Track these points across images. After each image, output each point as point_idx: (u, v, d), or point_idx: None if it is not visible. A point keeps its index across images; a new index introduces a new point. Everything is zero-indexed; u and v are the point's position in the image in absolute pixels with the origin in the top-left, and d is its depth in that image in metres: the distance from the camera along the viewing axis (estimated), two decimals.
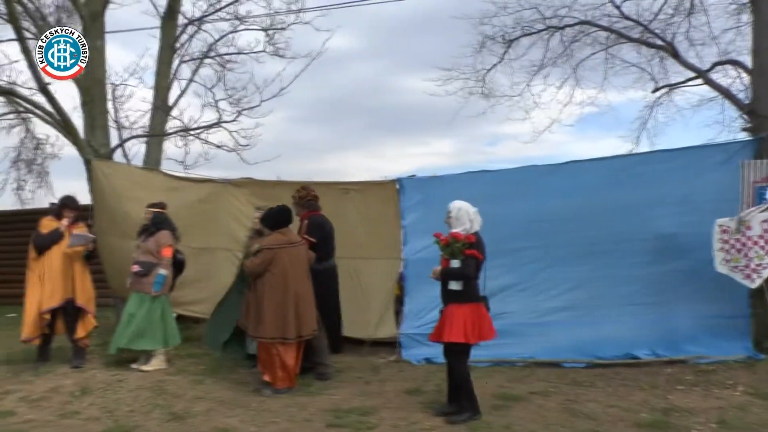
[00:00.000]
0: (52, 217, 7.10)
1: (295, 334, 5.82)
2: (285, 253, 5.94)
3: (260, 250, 5.97)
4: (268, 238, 6.07)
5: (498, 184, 7.19)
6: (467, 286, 4.93)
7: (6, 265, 12.31)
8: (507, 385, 5.90)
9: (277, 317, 5.79)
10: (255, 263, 5.94)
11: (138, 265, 6.81)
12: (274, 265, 5.88)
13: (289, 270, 5.90)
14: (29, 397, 5.79)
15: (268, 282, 5.88)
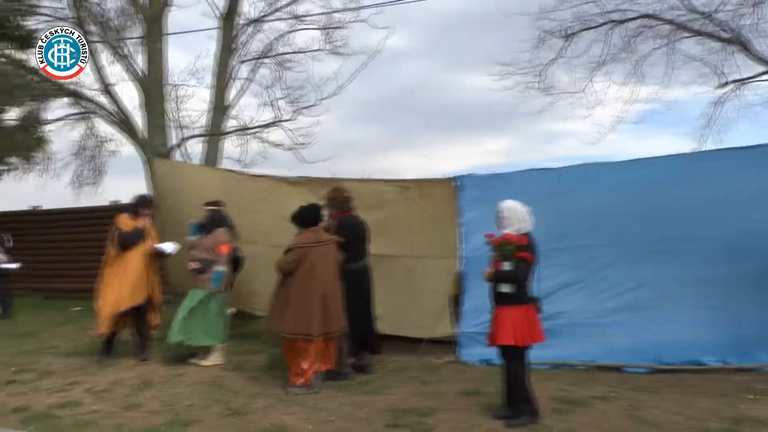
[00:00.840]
0: (128, 215, 7.27)
1: (320, 332, 5.82)
2: (314, 251, 5.96)
3: (290, 249, 6.00)
4: (298, 236, 6.10)
5: (559, 182, 7.03)
6: (518, 289, 4.81)
7: (70, 260, 12.73)
8: (567, 389, 5.73)
9: (302, 314, 5.80)
10: (285, 261, 5.98)
11: (196, 262, 6.91)
12: (303, 263, 5.90)
13: (317, 268, 5.91)
14: (94, 389, 5.95)
15: (296, 280, 5.90)
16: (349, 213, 6.68)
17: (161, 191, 8.64)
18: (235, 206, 7.73)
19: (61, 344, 8.03)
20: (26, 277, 13.57)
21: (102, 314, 6.99)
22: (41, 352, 7.61)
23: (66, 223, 13.45)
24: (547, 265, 6.50)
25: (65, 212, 13.79)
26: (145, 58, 9.54)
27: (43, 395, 5.76)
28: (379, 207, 7.54)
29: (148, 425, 4.86)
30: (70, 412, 5.22)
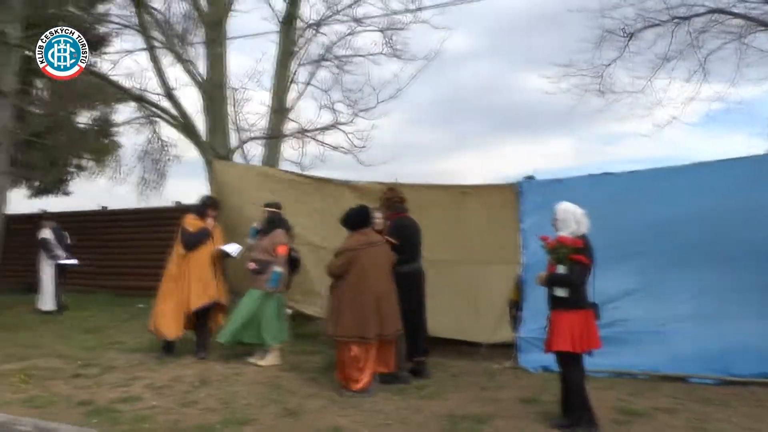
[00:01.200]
0: (195, 216, 7.42)
1: (374, 333, 5.79)
2: (365, 254, 5.94)
3: (341, 252, 6.00)
4: (348, 239, 6.09)
5: (621, 187, 6.87)
6: (574, 293, 4.68)
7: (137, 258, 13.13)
8: (628, 399, 5.54)
9: (356, 317, 5.78)
10: (335, 265, 5.99)
11: (254, 263, 7.00)
12: (354, 266, 5.89)
13: (368, 271, 5.89)
14: (154, 385, 6.08)
15: (347, 282, 5.89)
16: (404, 214, 6.65)
17: (222, 193, 8.80)
18: (294, 208, 7.81)
19: (125, 340, 8.28)
20: (95, 274, 14.14)
21: (167, 317, 7.11)
22: (106, 347, 7.86)
23: (132, 223, 13.92)
24: (609, 271, 6.35)
25: (132, 212, 14.27)
26: (207, 63, 9.74)
27: (106, 389, 5.92)
28: (440, 212, 7.51)
29: (204, 422, 4.92)
30: (130, 407, 5.35)
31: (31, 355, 7.42)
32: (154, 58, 8.84)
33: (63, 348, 7.80)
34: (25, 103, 12.82)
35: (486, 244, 7.39)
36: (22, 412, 5.16)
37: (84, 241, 14.45)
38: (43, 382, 6.17)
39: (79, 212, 15.35)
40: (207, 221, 7.36)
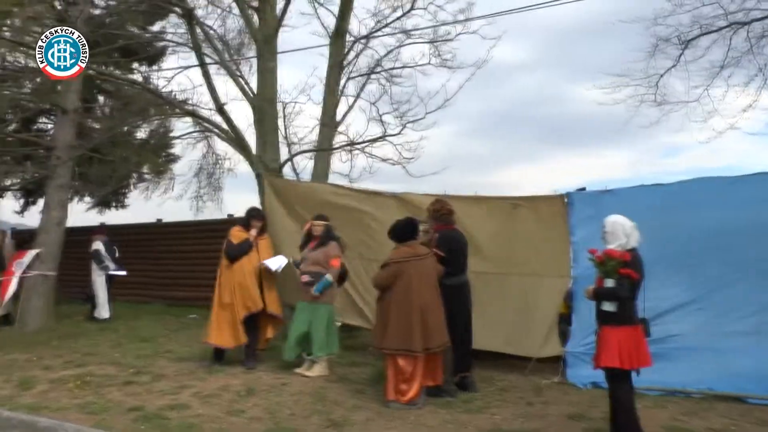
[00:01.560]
0: (240, 228, 7.57)
1: (421, 346, 5.74)
2: (411, 266, 5.92)
3: (387, 263, 5.99)
4: (394, 251, 6.09)
5: (674, 197, 6.63)
6: (622, 308, 4.55)
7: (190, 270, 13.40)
8: (681, 419, 5.33)
9: (402, 329, 5.75)
10: (381, 277, 6.01)
11: (307, 275, 7.06)
12: (400, 278, 5.87)
13: (414, 283, 5.86)
14: (201, 393, 6.18)
15: (393, 295, 5.89)
16: (451, 226, 6.60)
17: (271, 206, 8.95)
18: (342, 220, 7.86)
19: (176, 349, 8.45)
20: (149, 285, 14.50)
21: (218, 327, 7.29)
22: (157, 356, 8.03)
23: (187, 235, 14.20)
24: (661, 285, 6.17)
25: (186, 225, 14.58)
26: (259, 77, 9.90)
27: (155, 397, 6.05)
28: (489, 224, 7.43)
29: (249, 431, 4.96)
30: (177, 415, 5.45)
31: (88, 362, 7.66)
32: (206, 74, 9.05)
33: (117, 356, 8.02)
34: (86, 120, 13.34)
35: (536, 257, 7.27)
36: (76, 417, 5.32)
37: (139, 253, 14.90)
38: (98, 389, 6.36)
39: (135, 225, 15.81)
40: (250, 232, 7.46)
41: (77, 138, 11.56)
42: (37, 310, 10.57)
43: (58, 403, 5.85)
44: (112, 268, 11.77)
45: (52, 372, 7.14)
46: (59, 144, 11.15)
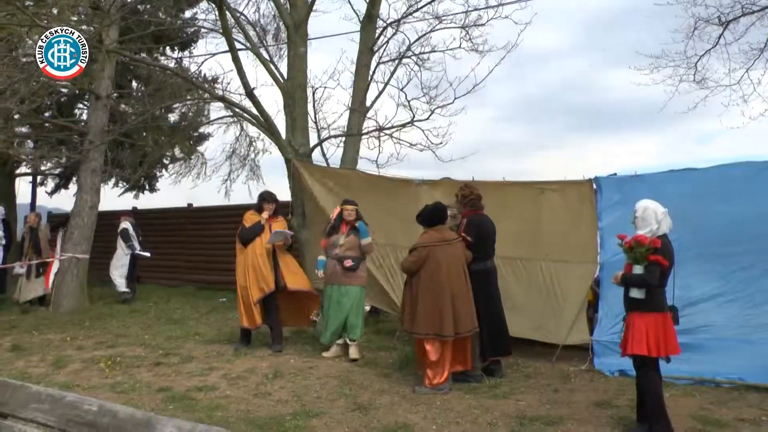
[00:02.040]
0: (254, 212, 7.64)
1: (452, 332, 5.74)
2: (439, 250, 5.89)
3: (414, 248, 5.98)
4: (423, 236, 6.06)
5: (705, 183, 6.47)
6: (651, 295, 4.47)
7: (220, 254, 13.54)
8: (709, 408, 5.23)
9: (432, 314, 5.74)
10: (409, 261, 5.99)
11: (350, 260, 7.06)
12: (428, 262, 5.85)
13: (443, 267, 5.83)
14: (229, 375, 6.27)
15: (422, 279, 5.87)
16: (479, 212, 6.55)
17: (299, 190, 9.00)
18: (370, 206, 7.86)
19: (205, 332, 8.56)
20: (180, 268, 14.72)
21: (240, 308, 7.43)
22: (187, 338, 8.16)
23: (217, 219, 14.32)
24: (691, 273, 6.05)
25: (217, 209, 14.71)
26: (289, 63, 9.90)
27: (184, 378, 6.16)
28: (518, 210, 7.36)
29: (275, 414, 5.02)
30: (205, 396, 5.55)
31: (119, 343, 7.82)
32: (236, 59, 9.08)
33: (147, 337, 8.17)
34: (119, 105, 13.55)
35: (564, 243, 7.18)
36: (106, 396, 5.43)
37: (170, 237, 15.12)
38: (128, 369, 6.49)
39: (166, 209, 16.04)
40: (262, 215, 7.52)
41: (110, 123, 11.75)
42: (71, 292, 10.81)
43: (89, 382, 6.00)
44: (138, 249, 12.07)
45: (85, 352, 7.31)
46: (92, 129, 11.35)
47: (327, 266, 7.17)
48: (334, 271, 7.08)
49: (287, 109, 9.65)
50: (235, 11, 10.50)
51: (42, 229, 11.92)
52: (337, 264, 7.07)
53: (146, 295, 12.49)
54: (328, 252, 7.20)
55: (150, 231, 15.65)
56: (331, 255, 7.14)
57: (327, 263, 7.18)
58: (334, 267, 7.09)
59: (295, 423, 4.78)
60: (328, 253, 7.21)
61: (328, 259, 7.19)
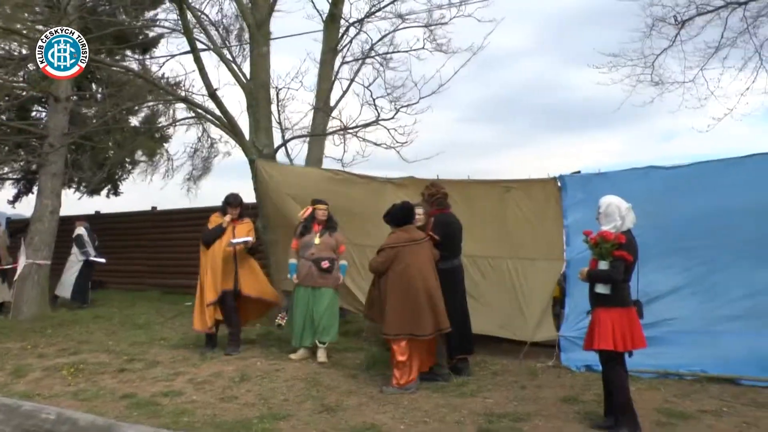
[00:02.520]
0: (219, 214, 7.57)
1: (430, 330, 5.75)
2: (408, 250, 5.89)
3: (383, 248, 5.97)
4: (391, 236, 6.06)
5: (668, 181, 6.59)
6: (616, 290, 4.53)
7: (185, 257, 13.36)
8: (673, 401, 5.33)
9: (403, 314, 5.73)
10: (377, 261, 5.98)
11: (327, 261, 6.99)
12: (397, 263, 5.85)
13: (412, 267, 5.83)
14: (195, 380, 6.19)
15: (390, 280, 5.86)
16: (446, 210, 6.57)
17: (265, 191, 8.92)
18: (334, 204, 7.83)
19: (170, 336, 8.45)
20: (144, 273, 14.50)
21: (195, 310, 7.39)
22: (152, 343, 8.03)
23: (181, 223, 14.14)
24: (655, 268, 6.15)
25: (180, 212, 14.54)
26: (252, 63, 9.82)
27: (149, 384, 6.06)
28: (483, 208, 7.40)
29: (241, 417, 4.97)
30: (170, 401, 5.46)
31: (82, 350, 7.67)
32: (197, 60, 8.95)
33: (111, 343, 8.01)
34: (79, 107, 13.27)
35: (529, 240, 7.25)
36: (69, 404, 5.29)
37: (134, 241, 14.89)
38: (91, 376, 6.37)
39: (129, 213, 15.78)
40: (225, 218, 7.46)
41: (70, 126, 11.51)
42: (32, 299, 10.57)
43: (50, 390, 5.87)
44: (92, 255, 11.94)
45: (46, 360, 7.15)
46: (52, 132, 11.11)
47: (301, 268, 7.05)
48: (309, 272, 6.97)
49: (250, 110, 9.57)
50: (197, 10, 10.37)
51: (0, 236, 11.64)
52: (312, 265, 6.96)
53: (110, 300, 12.27)
54: (301, 253, 7.11)
55: (114, 235, 15.42)
56: (306, 256, 7.04)
57: (300, 264, 7.07)
58: (309, 269, 6.97)
59: (263, 426, 4.73)
60: (300, 254, 7.12)
61: (301, 260, 7.09)
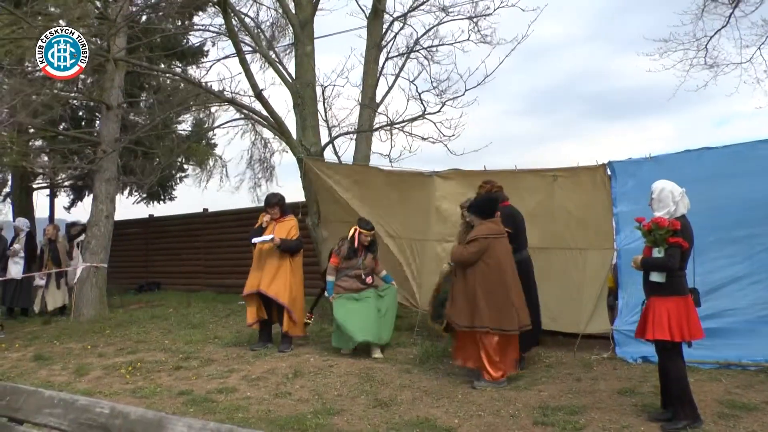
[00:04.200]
0: (264, 213, 7.64)
1: (516, 326, 5.65)
2: (498, 243, 5.75)
3: (474, 239, 5.77)
4: (481, 227, 5.84)
5: (724, 163, 6.30)
6: (671, 278, 4.37)
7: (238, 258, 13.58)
8: (736, 392, 5.13)
9: (495, 308, 5.61)
10: (470, 252, 5.74)
11: (370, 277, 7.17)
12: (489, 255, 5.69)
13: (502, 261, 5.71)
14: (249, 377, 6.26)
15: (481, 272, 5.69)
16: (506, 203, 6.47)
17: (313, 190, 9.00)
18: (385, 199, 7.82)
19: (224, 335, 8.57)
20: (199, 273, 14.78)
21: (247, 305, 7.57)
22: (206, 341, 8.17)
23: (234, 223, 14.35)
24: (713, 256, 5.93)
25: (233, 213, 14.77)
26: (296, 62, 9.88)
27: (204, 381, 6.16)
28: (531, 198, 7.26)
29: (295, 413, 4.99)
30: (225, 398, 5.54)
31: (139, 349, 7.85)
32: (243, 62, 9.06)
33: (167, 342, 8.19)
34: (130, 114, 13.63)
35: (579, 230, 7.09)
36: (128, 401, 5.43)
37: (188, 243, 15.21)
38: (148, 374, 6.51)
39: (183, 215, 16.11)
40: (264, 218, 7.55)
41: (122, 132, 11.82)
42: (91, 301, 10.89)
43: (110, 388, 6.02)
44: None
45: (106, 359, 7.35)
46: (105, 139, 11.43)
47: (341, 282, 7.19)
48: (353, 286, 7.15)
49: (297, 109, 9.63)
50: (241, 13, 10.51)
51: (60, 241, 12.03)
52: (356, 280, 7.16)
53: (166, 300, 12.55)
54: (344, 271, 7.21)
55: (168, 237, 15.80)
56: (349, 274, 7.19)
57: (342, 279, 7.20)
58: (352, 283, 7.16)
59: (317, 421, 4.75)
60: (342, 271, 7.23)
61: (342, 276, 7.21)
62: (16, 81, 9.46)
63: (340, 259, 7.22)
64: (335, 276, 7.23)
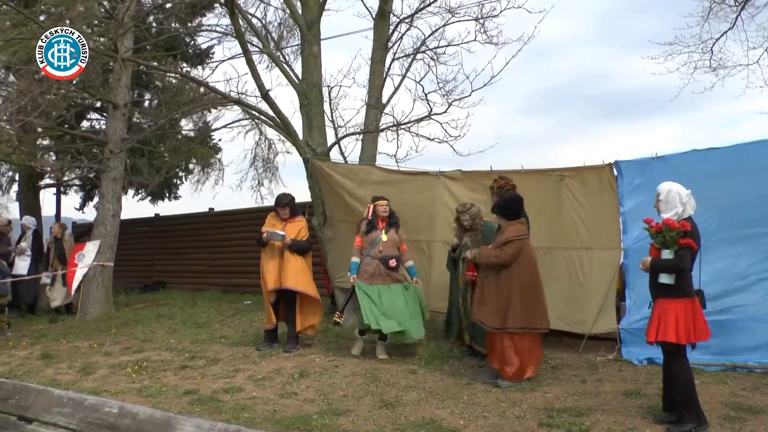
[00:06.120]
0: (273, 214, 7.67)
1: (546, 324, 5.79)
2: (527, 243, 5.82)
3: (510, 241, 5.74)
4: (511, 228, 5.83)
5: (733, 162, 6.25)
6: (680, 280, 4.37)
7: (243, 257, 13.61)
8: (742, 394, 5.12)
9: (529, 308, 5.66)
10: (508, 254, 5.70)
11: (394, 260, 7.04)
12: (523, 255, 5.73)
13: (534, 261, 5.80)
14: (255, 376, 6.27)
15: (517, 273, 5.71)
16: None
17: (320, 190, 9.01)
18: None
19: (229, 334, 8.57)
20: (205, 273, 14.81)
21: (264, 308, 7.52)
22: (212, 341, 8.17)
23: (239, 223, 14.39)
24: (719, 256, 5.91)
25: (238, 213, 14.81)
26: (303, 63, 9.89)
27: (209, 380, 6.17)
28: (537, 198, 7.24)
29: (301, 413, 5.00)
30: (231, 397, 5.54)
31: (145, 348, 7.86)
32: (249, 62, 9.07)
33: (173, 342, 8.20)
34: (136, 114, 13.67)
35: (585, 230, 7.07)
36: (134, 400, 5.44)
37: (193, 242, 15.24)
38: (154, 373, 6.52)
39: (188, 214, 16.16)
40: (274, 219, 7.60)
41: (128, 132, 11.85)
42: (97, 299, 10.92)
43: (116, 387, 6.04)
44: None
45: (112, 358, 7.37)
46: (112, 138, 11.45)
47: (366, 266, 7.03)
48: (377, 271, 6.98)
49: (303, 109, 9.64)
50: (247, 13, 10.52)
51: (67, 239, 12.07)
52: (379, 264, 6.98)
53: (171, 299, 12.58)
54: (366, 251, 7.07)
55: (173, 237, 15.83)
56: (372, 254, 7.02)
57: (365, 262, 7.04)
58: (376, 267, 6.99)
59: (322, 421, 4.75)
60: (365, 252, 7.09)
61: (366, 258, 7.06)
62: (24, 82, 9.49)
63: (362, 236, 7.14)
64: (360, 258, 7.12)
